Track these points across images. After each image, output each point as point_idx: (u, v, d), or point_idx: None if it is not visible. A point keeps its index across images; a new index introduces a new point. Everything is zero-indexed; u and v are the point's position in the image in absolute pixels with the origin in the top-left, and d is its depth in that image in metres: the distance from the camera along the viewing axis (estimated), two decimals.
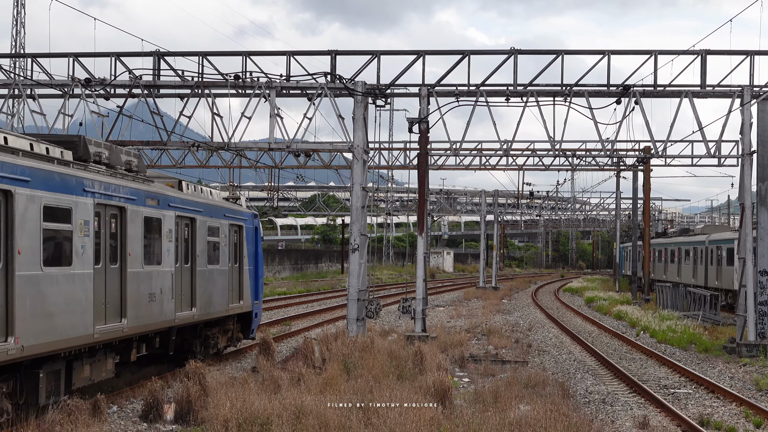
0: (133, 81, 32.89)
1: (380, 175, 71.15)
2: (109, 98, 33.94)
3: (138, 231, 21.24)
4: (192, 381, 19.22)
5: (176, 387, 19.93)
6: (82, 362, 18.94)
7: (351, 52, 34.73)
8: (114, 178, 20.43)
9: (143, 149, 36.37)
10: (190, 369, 20.18)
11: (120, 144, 33.49)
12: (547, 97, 33.52)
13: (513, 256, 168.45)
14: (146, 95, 33.23)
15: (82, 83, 32.78)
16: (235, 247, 28.74)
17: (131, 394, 21.44)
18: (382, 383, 20.56)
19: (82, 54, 34.05)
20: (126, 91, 33.37)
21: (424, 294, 33.57)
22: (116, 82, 33.09)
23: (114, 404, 20.25)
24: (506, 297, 68.38)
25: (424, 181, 33.94)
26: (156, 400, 18.51)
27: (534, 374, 24.51)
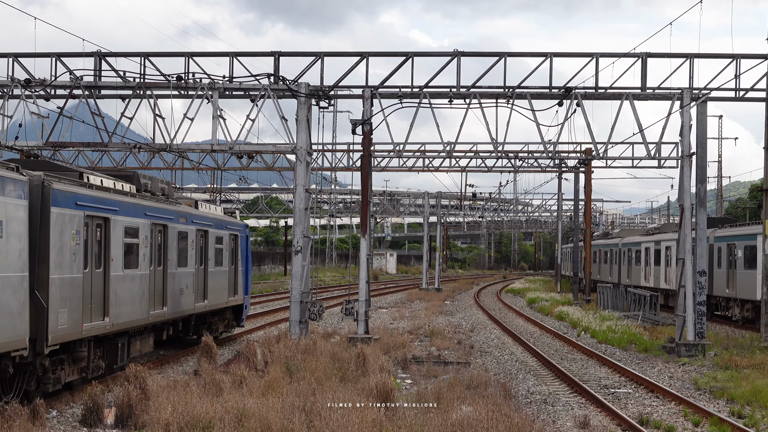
0: (74, 82, 32.51)
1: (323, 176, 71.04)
2: (50, 99, 33.53)
3: (174, 242, 27.56)
4: (133, 385, 19.02)
5: (117, 391, 19.73)
6: (136, 338, 25.25)
7: (294, 54, 34.66)
8: (160, 203, 26.87)
9: (83, 150, 36.00)
10: (131, 373, 19.97)
11: (60, 145, 33.15)
12: (489, 99, 33.67)
13: (456, 257, 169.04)
14: (87, 96, 32.86)
15: (21, 84, 32.33)
16: (232, 251, 34.58)
17: (71, 399, 21.17)
18: (324, 385, 20.51)
19: (21, 54, 33.63)
20: (66, 92, 32.99)
21: (367, 296, 33.53)
22: (57, 82, 32.68)
23: (53, 409, 19.98)
24: (449, 298, 68.57)
25: (368, 183, 33.93)
26: (96, 405, 18.30)
27: (476, 375, 24.58)
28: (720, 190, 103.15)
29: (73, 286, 20.47)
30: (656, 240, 56.84)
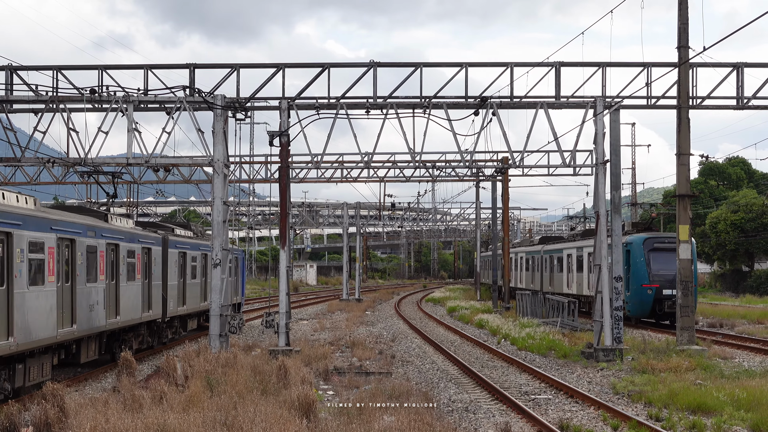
0: None
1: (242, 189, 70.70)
2: None
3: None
4: (50, 403, 18.73)
5: (34, 410, 19.40)
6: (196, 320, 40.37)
7: (210, 66, 34.54)
8: (204, 240, 43.28)
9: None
10: (48, 390, 19.67)
11: None
12: (406, 109, 33.87)
13: (376, 267, 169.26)
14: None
15: None
16: (236, 267, 49.07)
17: None
18: (246, 399, 20.41)
19: None
20: None
21: (288, 308, 33.46)
22: None
23: None
24: (369, 308, 68.63)
25: (286, 195, 33.88)
26: (12, 424, 17.99)
27: (398, 385, 24.65)
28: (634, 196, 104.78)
29: None
30: (578, 246, 55.29)
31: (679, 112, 34.68)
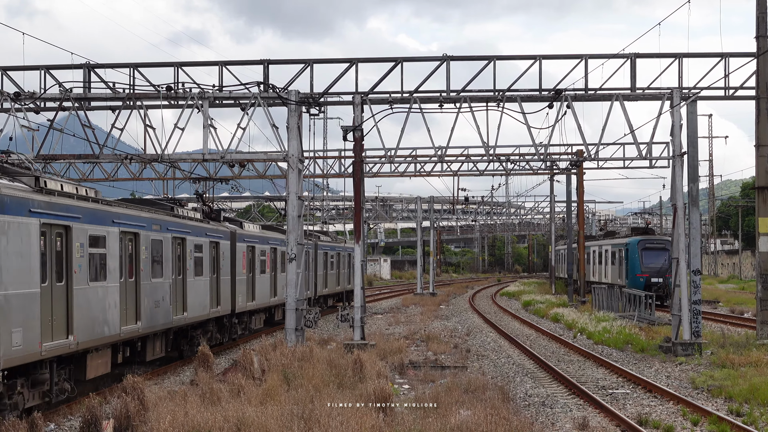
0: (64, 94, 32.49)
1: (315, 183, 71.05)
2: (39, 112, 33.46)
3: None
4: (130, 396, 19.01)
5: (114, 403, 19.71)
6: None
7: (284, 61, 34.71)
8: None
9: (74, 162, 36.00)
10: (128, 384, 19.96)
11: (51, 158, 33.13)
12: (480, 103, 33.73)
13: (450, 261, 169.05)
14: (77, 108, 32.81)
15: (11, 97, 32.27)
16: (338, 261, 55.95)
17: (68, 412, 21.17)
18: (322, 393, 20.52)
19: (10, 68, 33.62)
20: (56, 105, 32.95)
21: (362, 302, 33.57)
22: (46, 95, 32.67)
23: (51, 422, 20.00)
24: (444, 303, 68.59)
25: (360, 189, 33.96)
26: (94, 417, 18.28)
27: (473, 379, 24.61)
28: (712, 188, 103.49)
29: None
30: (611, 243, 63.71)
31: (757, 102, 34.14)
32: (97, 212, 22.98)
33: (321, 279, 53.77)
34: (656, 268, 56.45)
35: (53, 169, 40.85)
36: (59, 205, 20.93)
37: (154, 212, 28.22)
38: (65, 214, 21.07)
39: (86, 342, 22.06)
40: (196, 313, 31.68)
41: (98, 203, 23.40)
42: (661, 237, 61.17)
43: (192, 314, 31.12)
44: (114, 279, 23.97)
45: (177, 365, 30.20)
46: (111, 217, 23.96)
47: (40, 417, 17.28)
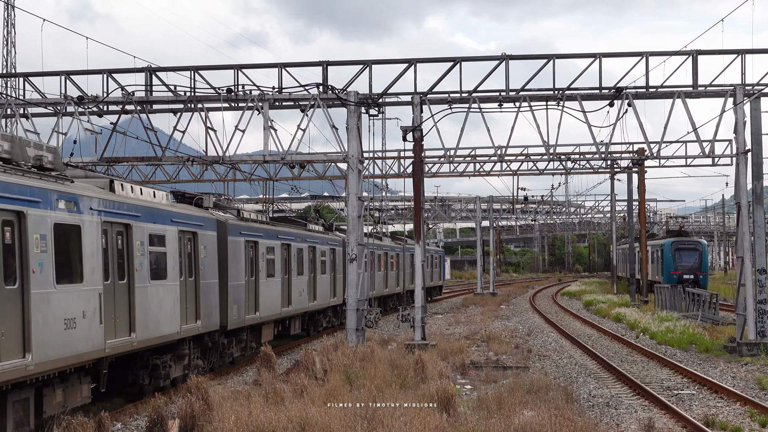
0: (126, 97, 32.91)
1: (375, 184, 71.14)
2: (102, 115, 33.92)
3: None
4: (195, 396, 19.20)
5: (179, 402, 19.92)
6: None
7: (342, 62, 34.80)
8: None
9: (137, 165, 36.41)
10: (192, 384, 20.16)
11: (115, 161, 33.55)
12: (539, 102, 33.60)
13: (509, 261, 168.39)
14: (139, 111, 33.21)
15: (74, 101, 32.78)
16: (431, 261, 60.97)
17: (134, 411, 21.43)
18: (384, 393, 20.56)
19: (73, 72, 34.06)
20: (119, 108, 33.36)
21: (423, 302, 33.58)
22: (109, 99, 33.11)
23: (118, 421, 20.25)
24: (504, 302, 68.37)
25: (420, 189, 33.97)
26: (160, 417, 18.49)
27: (536, 379, 24.52)
28: None
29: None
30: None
31: None
32: (270, 231, 33.52)
33: (381, 279, 54.85)
34: (688, 266, 64.03)
35: (116, 171, 41.35)
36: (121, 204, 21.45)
37: (296, 228, 38.25)
38: (128, 212, 21.69)
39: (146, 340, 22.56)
40: (323, 301, 40.72)
41: (268, 224, 34.26)
42: (693, 239, 68.73)
43: (320, 302, 40.49)
44: (279, 276, 34.28)
45: (240, 366, 30.42)
46: (277, 234, 34.50)
47: (107, 416, 17.51)
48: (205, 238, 26.75)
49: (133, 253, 21.68)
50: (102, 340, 19.71)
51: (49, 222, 17.80)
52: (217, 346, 28.44)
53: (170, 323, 23.77)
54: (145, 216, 22.59)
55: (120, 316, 20.91)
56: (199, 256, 26.23)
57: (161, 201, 24.72)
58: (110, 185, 21.84)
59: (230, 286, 28.64)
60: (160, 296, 23.17)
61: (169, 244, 24.05)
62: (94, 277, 19.51)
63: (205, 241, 26.74)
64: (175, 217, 24.74)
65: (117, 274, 20.90)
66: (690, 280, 62.48)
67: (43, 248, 17.48)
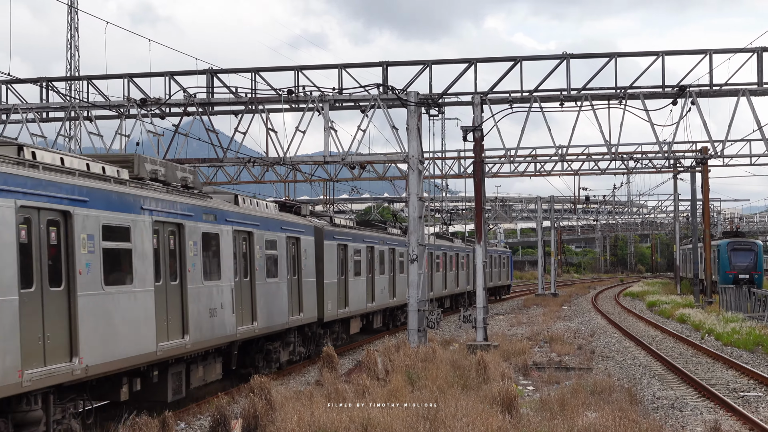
0: (188, 99, 33.24)
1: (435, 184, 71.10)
2: (165, 117, 34.32)
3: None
4: (258, 396, 19.31)
5: (242, 402, 20.05)
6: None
7: (402, 63, 34.87)
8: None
9: (199, 166, 36.74)
10: (255, 384, 20.29)
11: (177, 162, 33.85)
12: (601, 101, 33.41)
13: (571, 261, 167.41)
14: (201, 113, 33.53)
15: (137, 103, 33.18)
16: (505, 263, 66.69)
17: (198, 411, 21.61)
18: (447, 394, 20.52)
19: (136, 74, 34.46)
20: (181, 110, 33.72)
21: (485, 302, 33.49)
22: (171, 101, 33.46)
23: (182, 421, 20.43)
24: (566, 303, 67.95)
25: (481, 189, 33.88)
26: (223, 416, 18.62)
27: (599, 381, 24.32)
28: None
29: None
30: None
31: None
32: (357, 235, 37.16)
33: (452, 278, 58.20)
34: (743, 266, 65.31)
35: None
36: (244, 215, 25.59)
37: (378, 232, 42.13)
38: (251, 222, 25.88)
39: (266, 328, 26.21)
40: (401, 299, 42.17)
41: (355, 229, 37.73)
42: (748, 239, 69.95)
43: (398, 299, 43.10)
44: (364, 275, 37.58)
45: (302, 366, 30.56)
46: (363, 237, 38.00)
47: (171, 416, 17.68)
48: (305, 243, 30.69)
49: (253, 256, 25.76)
50: (234, 327, 23.90)
51: (199, 231, 21.92)
52: (315, 335, 32.31)
53: (280, 315, 27.80)
54: (262, 225, 26.70)
55: (245, 308, 24.97)
56: (301, 258, 30.17)
57: (271, 211, 28.65)
58: (235, 199, 25.95)
59: (325, 284, 32.40)
60: (273, 292, 27.22)
61: (280, 248, 28.11)
62: (228, 274, 23.67)
63: (305, 245, 30.68)
64: (284, 225, 28.86)
65: (242, 272, 24.99)
66: (745, 280, 63.37)
67: (195, 252, 21.62)
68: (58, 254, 15.97)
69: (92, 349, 16.64)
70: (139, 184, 19.50)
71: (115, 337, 17.60)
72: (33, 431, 15.21)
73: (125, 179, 19.04)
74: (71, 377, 15.96)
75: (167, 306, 20.02)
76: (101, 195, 17.45)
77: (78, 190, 16.66)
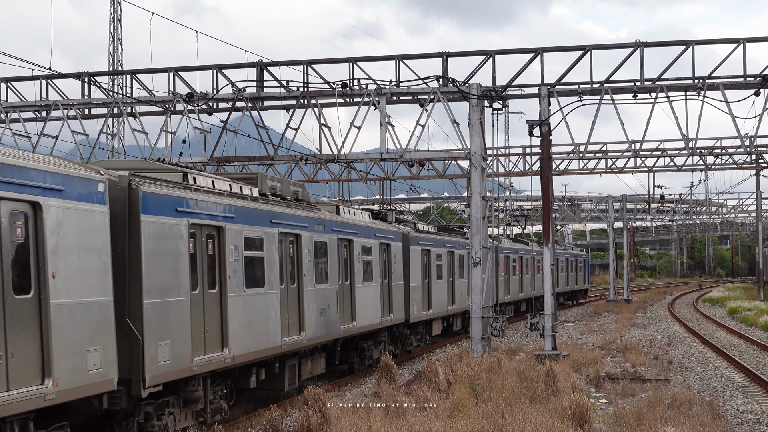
0: (236, 94, 33.37)
1: (498, 182, 70.92)
2: (212, 113, 34.44)
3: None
4: (312, 408, 19.34)
5: (295, 415, 20.10)
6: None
7: (463, 53, 34.78)
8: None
9: (248, 164, 36.89)
10: (309, 396, 20.32)
11: (225, 160, 34.03)
12: (677, 92, 33.08)
13: (644, 265, 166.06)
14: (250, 108, 33.64)
15: (183, 98, 33.33)
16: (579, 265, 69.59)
17: (248, 424, 21.69)
18: (513, 406, 20.41)
19: (182, 68, 34.62)
20: (229, 105, 33.85)
21: (553, 309, 33.29)
22: (219, 95, 33.61)
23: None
24: (640, 310, 67.40)
25: (548, 188, 33.66)
26: (275, 430, 18.68)
27: (678, 393, 24.05)
28: None
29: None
30: None
31: None
32: (438, 240, 40.47)
33: (528, 282, 60.44)
34: None
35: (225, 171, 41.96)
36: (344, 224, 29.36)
37: (457, 237, 44.67)
38: (351, 230, 29.60)
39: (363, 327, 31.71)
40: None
41: (437, 235, 41.31)
42: None
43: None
44: (445, 279, 40.82)
45: (358, 376, 30.60)
46: (444, 243, 41.17)
47: (221, 429, 17.76)
48: (395, 248, 34.34)
49: (353, 261, 29.65)
50: (338, 326, 27.79)
51: (312, 240, 25.85)
52: (402, 335, 36.04)
53: (374, 315, 31.50)
54: (360, 233, 30.43)
55: (345, 309, 28.68)
56: (391, 263, 33.79)
57: (366, 219, 32.27)
58: (337, 210, 29.63)
59: (411, 287, 35.84)
60: (368, 294, 30.95)
61: (374, 254, 31.85)
62: (334, 278, 27.66)
63: (395, 251, 34.32)
64: (378, 232, 32.58)
65: (344, 276, 28.83)
66: None
67: (309, 259, 25.54)
68: (213, 262, 19.98)
69: (237, 341, 20.52)
70: (266, 201, 23.47)
71: (253, 332, 21.51)
72: (194, 408, 19.13)
73: (257, 197, 22.98)
74: (222, 364, 19.93)
75: (288, 306, 24.07)
76: (243, 212, 21.47)
77: (227, 208, 20.66)
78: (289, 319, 23.94)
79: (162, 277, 17.54)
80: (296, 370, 25.03)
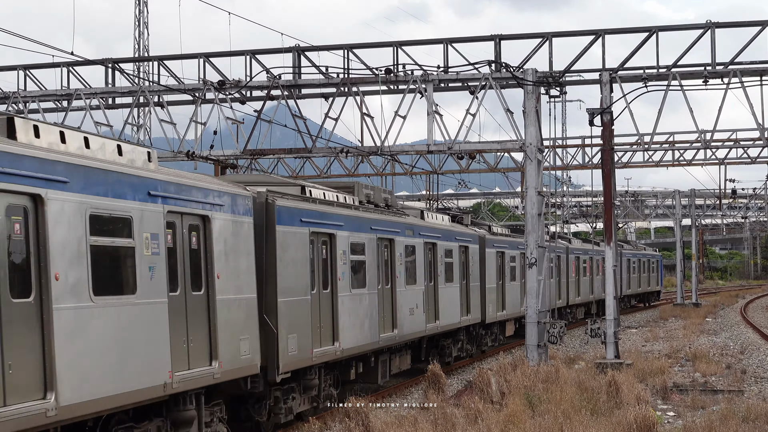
0: (272, 81, 33.29)
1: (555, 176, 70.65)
2: (245, 102, 34.38)
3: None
4: (354, 421, 19.32)
5: (336, 428, 20.08)
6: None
7: (517, 36, 34.61)
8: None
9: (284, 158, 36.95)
10: (351, 408, 20.30)
11: (259, 153, 34.07)
12: (753, 77, 32.75)
13: (714, 266, 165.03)
14: (286, 96, 33.57)
15: (214, 86, 33.30)
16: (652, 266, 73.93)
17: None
18: (573, 420, 20.30)
19: (213, 54, 34.62)
20: (263, 93, 33.80)
21: (616, 314, 33.08)
22: (252, 83, 33.54)
23: None
24: (710, 314, 66.95)
25: (611, 182, 33.44)
26: None
27: (753, 405, 23.81)
28: None
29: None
30: None
31: None
32: (512, 242, 43.88)
33: (599, 284, 61.43)
34: None
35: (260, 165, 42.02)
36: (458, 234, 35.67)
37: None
38: (433, 234, 33.26)
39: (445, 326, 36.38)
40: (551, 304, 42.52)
41: (510, 236, 44.77)
42: None
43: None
44: (518, 280, 43.86)
45: (404, 386, 30.58)
46: (517, 244, 43.38)
47: None
48: (472, 251, 37.82)
49: (437, 263, 33.23)
50: (424, 324, 31.62)
51: (403, 244, 29.70)
52: (478, 335, 39.80)
53: (454, 315, 35.15)
54: (442, 237, 34.07)
55: (430, 308, 32.25)
56: (469, 265, 37.30)
57: (446, 223, 36.17)
58: (422, 215, 33.34)
59: (487, 288, 39.16)
60: (449, 295, 34.56)
61: (454, 256, 35.46)
62: (421, 280, 31.42)
63: (472, 253, 37.78)
64: (457, 235, 36.12)
65: (429, 278, 32.30)
66: None
67: (401, 262, 29.41)
68: (326, 266, 24.02)
69: (345, 336, 24.52)
70: (365, 209, 27.31)
71: (357, 328, 25.48)
72: (310, 394, 22.98)
73: (358, 205, 26.97)
74: (334, 356, 23.95)
75: (383, 305, 27.86)
76: (350, 220, 25.43)
77: (337, 217, 24.61)
78: (384, 316, 27.89)
79: (290, 279, 21.52)
80: (387, 365, 28.83)
